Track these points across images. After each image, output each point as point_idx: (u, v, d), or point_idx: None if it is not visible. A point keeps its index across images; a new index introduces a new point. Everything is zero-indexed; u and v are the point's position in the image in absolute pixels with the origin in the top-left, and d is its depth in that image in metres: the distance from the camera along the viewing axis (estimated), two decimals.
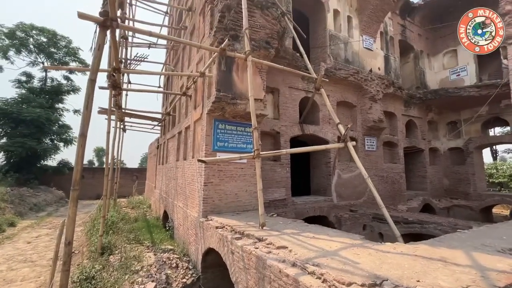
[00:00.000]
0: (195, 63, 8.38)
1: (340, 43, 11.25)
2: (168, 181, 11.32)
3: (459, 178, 14.03)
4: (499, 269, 2.98)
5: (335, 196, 10.06)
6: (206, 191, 6.45)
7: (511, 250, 3.83)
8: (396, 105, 12.83)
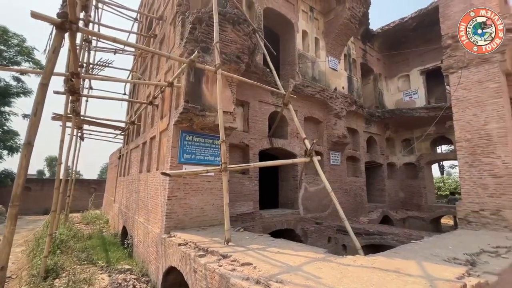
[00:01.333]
0: (164, 72, 8.17)
1: (308, 62, 11.86)
2: (129, 194, 10.59)
3: (412, 191, 15.23)
4: (445, 278, 3.23)
5: (302, 209, 10.24)
6: (170, 206, 6.14)
7: (455, 259, 4.19)
8: (358, 123, 13.72)
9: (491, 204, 7.09)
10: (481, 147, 7.49)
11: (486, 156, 7.39)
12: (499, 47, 7.37)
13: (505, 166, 7.08)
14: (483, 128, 7.50)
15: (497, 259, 4.48)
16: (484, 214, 7.11)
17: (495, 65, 7.54)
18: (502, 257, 4.59)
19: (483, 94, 7.61)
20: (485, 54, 7.51)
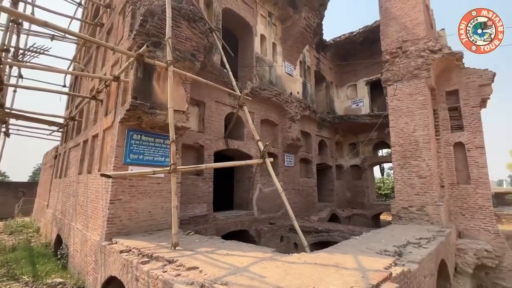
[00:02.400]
0: (110, 64, 7.51)
1: (265, 65, 12.14)
2: (66, 199, 9.45)
3: (357, 191, 16.66)
4: (375, 268, 3.58)
5: (256, 210, 10.39)
6: (113, 210, 5.64)
7: (386, 251, 4.68)
8: (311, 126, 14.51)
9: (417, 201, 8.16)
10: (411, 151, 8.58)
11: (415, 159, 8.49)
12: (425, 65, 8.56)
13: (428, 168, 8.22)
14: (412, 135, 8.61)
15: (419, 249, 5.14)
16: (411, 210, 8.15)
17: (422, 80, 8.72)
18: (423, 247, 5.29)
19: (413, 105, 8.74)
20: (414, 70, 8.64)
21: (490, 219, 8.33)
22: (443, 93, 9.63)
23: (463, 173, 9.04)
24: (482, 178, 8.56)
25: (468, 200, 8.68)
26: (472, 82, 9.08)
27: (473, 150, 8.76)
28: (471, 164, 8.76)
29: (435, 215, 7.75)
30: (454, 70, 9.41)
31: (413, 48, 8.89)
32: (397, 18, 9.63)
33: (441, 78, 9.67)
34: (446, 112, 9.51)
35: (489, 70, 8.99)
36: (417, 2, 9.23)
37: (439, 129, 9.44)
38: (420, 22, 9.04)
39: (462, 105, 9.19)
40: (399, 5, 9.66)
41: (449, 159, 9.22)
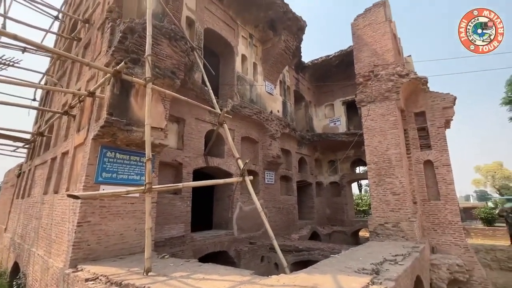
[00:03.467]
0: (86, 79, 7.29)
1: (246, 84, 12.39)
2: (27, 221, 8.65)
3: (337, 208, 16.90)
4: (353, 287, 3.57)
5: (236, 229, 10.13)
6: (80, 233, 5.24)
7: (363, 270, 4.70)
8: (291, 144, 14.77)
9: (392, 217, 8.42)
10: (385, 169, 8.95)
11: (388, 176, 8.85)
12: (395, 88, 9.19)
13: (401, 185, 8.59)
14: (386, 153, 9.03)
15: (395, 266, 5.22)
16: (387, 226, 8.36)
17: (392, 102, 9.32)
18: (399, 264, 5.39)
19: (385, 125, 9.25)
20: (385, 92, 9.24)
21: (459, 234, 8.74)
22: (412, 114, 10.32)
23: (433, 189, 9.53)
24: (450, 194, 9.07)
25: (439, 216, 9.09)
26: (437, 104, 9.85)
27: (441, 168, 9.33)
28: (439, 181, 9.29)
29: (409, 231, 8.01)
30: (420, 93, 10.18)
31: (383, 72, 9.56)
32: (369, 45, 10.39)
33: (409, 100, 10.40)
34: (415, 131, 10.15)
35: (450, 94, 9.83)
36: (386, 31, 10.06)
37: (410, 147, 10.01)
38: (389, 49, 9.81)
39: (429, 125, 9.87)
40: (370, 33, 10.46)
41: (420, 176, 9.72)
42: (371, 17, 10.54)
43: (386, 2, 10.59)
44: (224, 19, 11.71)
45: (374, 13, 10.51)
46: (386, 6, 10.55)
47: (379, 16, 10.35)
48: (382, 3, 10.50)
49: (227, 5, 11.82)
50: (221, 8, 11.58)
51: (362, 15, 10.97)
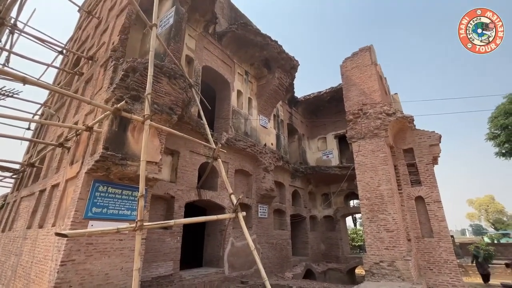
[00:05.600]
0: (84, 113, 7.45)
1: (241, 118, 12.78)
2: (5, 258, 8.14)
3: (331, 243, 16.44)
4: None
5: (227, 267, 9.68)
6: (63, 273, 4.96)
7: None
8: (285, 177, 14.81)
9: (387, 256, 8.25)
10: (377, 205, 8.99)
11: (381, 212, 8.86)
12: (383, 126, 9.62)
13: (394, 221, 8.57)
14: (377, 188, 9.15)
15: None
16: (382, 265, 8.15)
17: (382, 139, 9.69)
18: None
19: (376, 161, 9.50)
20: (374, 130, 9.65)
21: (456, 273, 8.55)
22: (401, 150, 10.68)
23: (426, 226, 9.51)
24: (443, 231, 9.05)
25: (433, 254, 8.96)
26: (424, 142, 10.27)
27: (432, 204, 9.43)
28: (431, 218, 9.32)
29: (405, 271, 7.81)
30: (407, 130, 10.66)
31: (371, 110, 10.08)
32: (357, 85, 11.08)
33: (398, 137, 10.83)
34: (405, 167, 10.42)
35: (436, 132, 10.31)
36: (372, 73, 10.82)
37: (400, 183, 10.18)
38: (376, 89, 10.47)
39: (417, 161, 10.18)
40: (358, 74, 11.23)
41: (412, 212, 9.75)
42: (358, 60, 11.39)
43: (371, 48, 11.54)
44: (221, 58, 12.45)
45: (361, 57, 11.38)
46: (372, 51, 11.48)
47: (365, 60, 11.20)
48: (368, 48, 11.43)
49: (225, 45, 12.65)
50: (219, 48, 12.37)
51: (350, 58, 11.85)
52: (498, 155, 21.85)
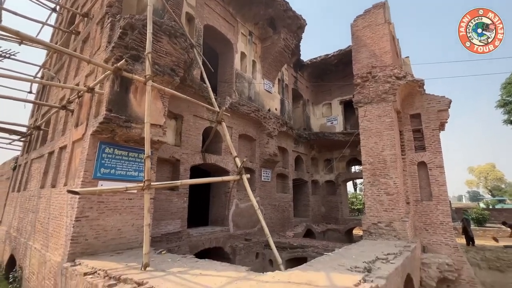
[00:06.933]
0: (85, 74, 7.27)
1: (245, 82, 12.42)
2: (24, 215, 8.66)
3: (332, 206, 17.11)
4: (346, 285, 3.70)
5: (231, 226, 10.24)
6: (78, 228, 5.29)
7: (356, 268, 4.84)
8: (288, 142, 14.87)
9: (385, 217, 8.60)
10: (380, 169, 9.11)
11: (383, 177, 9.01)
12: (391, 90, 9.30)
13: (395, 185, 8.76)
14: (381, 154, 9.18)
15: (386, 265, 5.38)
16: (380, 226, 8.54)
17: (389, 104, 9.44)
18: (390, 263, 5.54)
19: (381, 126, 9.38)
20: (382, 94, 9.35)
21: (450, 234, 8.97)
22: (408, 116, 10.46)
23: (426, 190, 9.72)
24: (442, 195, 9.27)
25: (430, 216, 9.30)
26: (432, 107, 10.00)
27: (434, 169, 9.52)
28: (432, 182, 9.48)
29: (401, 231, 8.19)
30: (416, 95, 10.32)
31: (381, 74, 9.66)
32: (367, 46, 10.47)
33: (405, 102, 10.54)
34: (410, 133, 10.31)
35: (446, 97, 9.98)
36: (384, 33, 10.14)
37: (404, 149, 10.17)
38: (387, 51, 9.90)
39: (424, 127, 10.03)
40: (369, 34, 10.53)
41: (414, 177, 9.90)
42: (370, 18, 10.60)
43: (385, 4, 10.65)
44: (224, 16, 11.69)
45: (374, 14, 10.57)
46: (386, 8, 10.61)
47: (378, 18, 10.42)
48: (382, 4, 10.56)
49: (227, 2, 11.78)
50: (221, 5, 11.55)
51: (361, 16, 11.02)
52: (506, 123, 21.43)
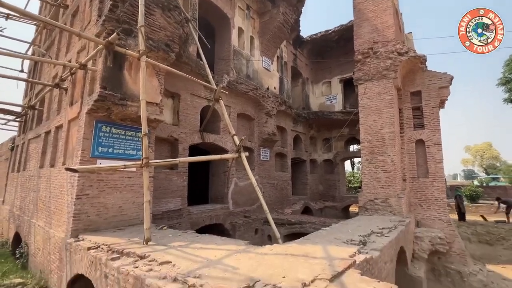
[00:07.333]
0: (76, 50, 7.01)
1: (243, 59, 12.07)
2: (25, 194, 8.76)
3: (329, 184, 17.40)
4: (341, 257, 3.83)
5: (231, 204, 10.46)
6: (79, 205, 5.37)
7: (352, 241, 5.00)
8: (287, 122, 14.79)
9: (382, 194, 8.77)
10: (378, 147, 9.14)
11: (381, 155, 9.07)
12: (393, 67, 9.09)
13: (393, 163, 8.84)
14: (380, 131, 9.16)
15: (381, 238, 5.56)
16: (377, 202, 8.74)
17: (390, 80, 9.27)
18: (385, 236, 5.73)
19: (381, 104, 9.28)
20: (383, 71, 9.15)
21: (444, 209, 9.21)
22: (408, 93, 10.32)
23: (422, 167, 9.84)
24: (438, 172, 9.40)
25: (426, 192, 9.50)
26: (433, 84, 9.84)
27: (432, 147, 9.57)
28: (429, 160, 9.57)
29: (397, 207, 8.40)
30: (418, 72, 10.11)
31: (383, 49, 9.38)
32: (369, 20, 10.07)
33: (406, 79, 10.35)
34: (410, 111, 10.23)
35: (447, 74, 9.79)
36: (388, 6, 9.71)
37: (403, 126, 10.15)
38: (390, 25, 9.54)
39: (423, 105, 9.94)
40: (371, 7, 10.09)
41: (411, 155, 9.98)
42: None
43: None
44: None
45: None
46: None
47: None
48: None
49: None
50: None
51: None
52: (507, 101, 21.26)
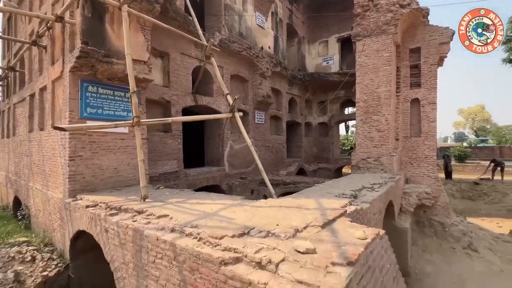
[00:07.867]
0: (50, 2, 6.37)
1: (235, 15, 11.25)
2: (18, 159, 8.70)
3: (323, 147, 17.66)
4: (332, 207, 4.00)
5: (227, 166, 10.62)
6: (73, 167, 5.36)
7: (343, 195, 5.19)
8: (282, 84, 14.39)
9: (374, 153, 8.95)
10: (373, 107, 9.08)
11: (376, 114, 9.05)
12: (394, 20, 8.60)
13: (387, 122, 8.87)
14: (376, 91, 9.02)
15: (371, 192, 5.79)
16: (369, 160, 8.96)
17: (389, 36, 8.84)
18: (375, 191, 5.97)
19: (379, 62, 8.98)
20: (383, 25, 8.67)
21: (432, 167, 9.54)
22: (407, 50, 9.94)
23: (416, 127, 9.93)
24: (431, 131, 9.52)
25: (417, 151, 9.73)
26: (434, 40, 9.44)
27: (427, 106, 9.54)
28: (423, 119, 9.62)
29: (388, 165, 8.65)
30: (419, 26, 9.62)
31: (384, 1, 8.77)
32: None
33: (406, 35, 9.88)
34: (407, 69, 9.97)
35: (449, 28, 9.35)
36: None
37: (400, 85, 9.98)
38: None
39: (422, 62, 9.65)
40: None
41: (406, 114, 9.98)
42: None
43: None
44: None
45: None
46: None
47: None
48: None
49: None
50: None
51: None
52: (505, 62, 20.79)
